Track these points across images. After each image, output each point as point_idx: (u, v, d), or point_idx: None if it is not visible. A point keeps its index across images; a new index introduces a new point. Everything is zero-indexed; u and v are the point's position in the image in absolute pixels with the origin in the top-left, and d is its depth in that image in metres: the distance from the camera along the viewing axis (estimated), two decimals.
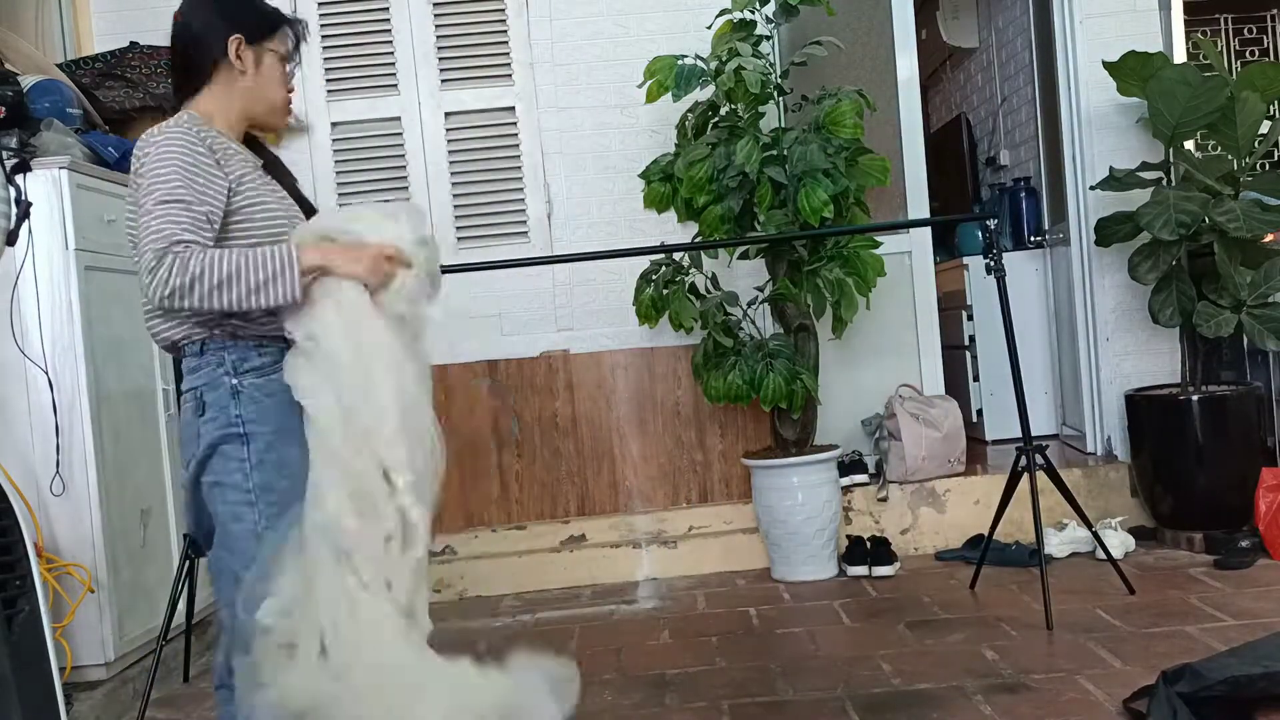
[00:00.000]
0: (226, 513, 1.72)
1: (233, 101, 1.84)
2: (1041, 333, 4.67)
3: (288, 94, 1.91)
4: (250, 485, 1.70)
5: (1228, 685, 2.05)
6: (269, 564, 1.63)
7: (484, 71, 4.04)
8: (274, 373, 1.75)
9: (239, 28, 1.82)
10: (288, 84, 1.91)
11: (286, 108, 1.92)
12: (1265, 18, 5.65)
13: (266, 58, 1.86)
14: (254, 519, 1.69)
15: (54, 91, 3.13)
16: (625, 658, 2.99)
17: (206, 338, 1.74)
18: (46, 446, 2.76)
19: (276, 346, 1.77)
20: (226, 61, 1.82)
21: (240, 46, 1.82)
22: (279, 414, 1.73)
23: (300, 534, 1.63)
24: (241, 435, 1.71)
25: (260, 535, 1.69)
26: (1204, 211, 3.42)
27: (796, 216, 3.48)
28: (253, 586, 1.64)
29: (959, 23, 5.70)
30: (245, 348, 1.75)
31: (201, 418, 1.73)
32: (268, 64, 1.86)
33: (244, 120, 1.88)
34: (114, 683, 2.82)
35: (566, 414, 4.02)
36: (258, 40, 1.84)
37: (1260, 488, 3.47)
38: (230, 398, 1.73)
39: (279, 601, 1.60)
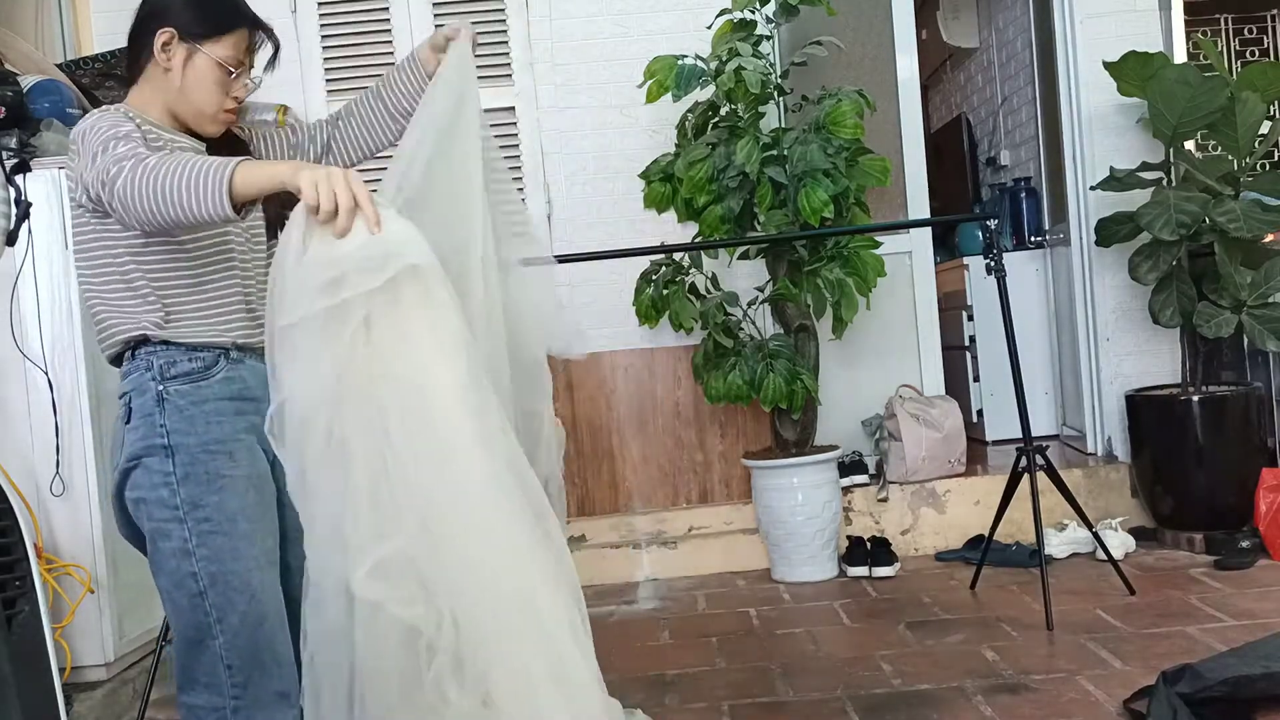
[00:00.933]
0: (153, 529, 1.61)
1: (158, 97, 1.69)
2: (1042, 333, 4.67)
3: (224, 104, 1.70)
4: (177, 501, 1.59)
5: (1228, 685, 2.05)
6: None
7: (484, 71, 4.03)
8: (204, 379, 1.64)
9: (174, 20, 1.66)
10: (228, 92, 1.70)
11: (216, 117, 1.71)
12: (1265, 18, 5.65)
13: (199, 59, 1.67)
14: (183, 535, 1.59)
15: (54, 91, 3.12)
16: (625, 658, 2.99)
17: (139, 344, 1.64)
18: (46, 446, 2.76)
19: (212, 352, 1.66)
20: (154, 55, 1.67)
21: (170, 40, 1.65)
22: (207, 422, 1.62)
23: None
24: (166, 446, 1.59)
25: (192, 553, 1.58)
26: (1204, 211, 3.42)
27: (796, 216, 3.48)
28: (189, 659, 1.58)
29: (959, 23, 5.70)
30: (176, 351, 1.63)
31: (127, 425, 1.63)
32: (200, 66, 1.67)
33: (172, 119, 1.71)
34: (114, 683, 2.81)
35: (566, 414, 4.01)
36: (194, 38, 1.66)
37: (1260, 488, 3.47)
38: (155, 405, 1.61)
39: None
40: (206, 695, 1.62)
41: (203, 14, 1.67)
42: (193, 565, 1.60)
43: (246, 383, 1.69)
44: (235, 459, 1.63)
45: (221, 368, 1.67)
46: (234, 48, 1.69)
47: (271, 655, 1.63)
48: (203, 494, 1.60)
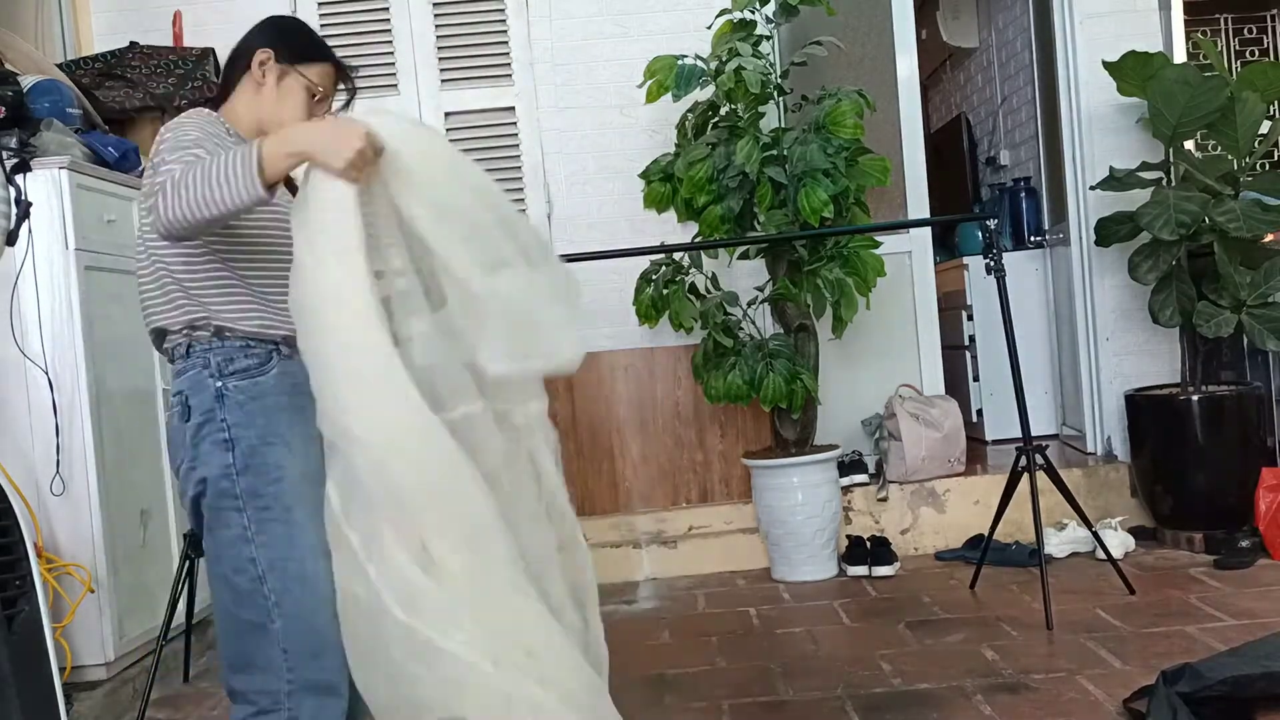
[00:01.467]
0: (213, 519, 1.69)
1: (250, 110, 1.84)
2: (1041, 333, 4.67)
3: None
4: (237, 491, 1.66)
5: (1228, 685, 2.05)
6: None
7: (484, 71, 4.04)
8: (260, 374, 1.71)
9: (274, 43, 1.83)
10: (309, 113, 1.85)
11: None
12: (1265, 18, 5.66)
13: (291, 80, 1.83)
14: (243, 524, 1.66)
15: (54, 91, 3.13)
16: (625, 658, 2.98)
17: (193, 341, 1.71)
18: (46, 446, 2.76)
19: (265, 347, 1.73)
20: (250, 71, 1.83)
21: (267, 60, 1.82)
22: (266, 417, 1.69)
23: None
24: (227, 440, 1.67)
25: (251, 540, 1.66)
26: (1204, 211, 3.42)
27: (796, 216, 3.48)
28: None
29: (959, 23, 5.70)
30: (231, 349, 1.70)
31: (187, 422, 1.70)
32: (289, 86, 1.83)
33: (257, 133, 1.81)
34: (114, 683, 2.81)
35: (566, 414, 4.02)
36: (289, 61, 1.83)
37: (1260, 488, 3.47)
38: (215, 401, 1.69)
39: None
40: (262, 678, 1.68)
41: (303, 44, 1.87)
42: (252, 551, 1.66)
43: (298, 377, 1.71)
44: (292, 451, 1.70)
45: (275, 362, 1.73)
46: (321, 76, 1.86)
47: (323, 643, 1.68)
48: (262, 484, 1.67)
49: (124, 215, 3.12)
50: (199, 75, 3.67)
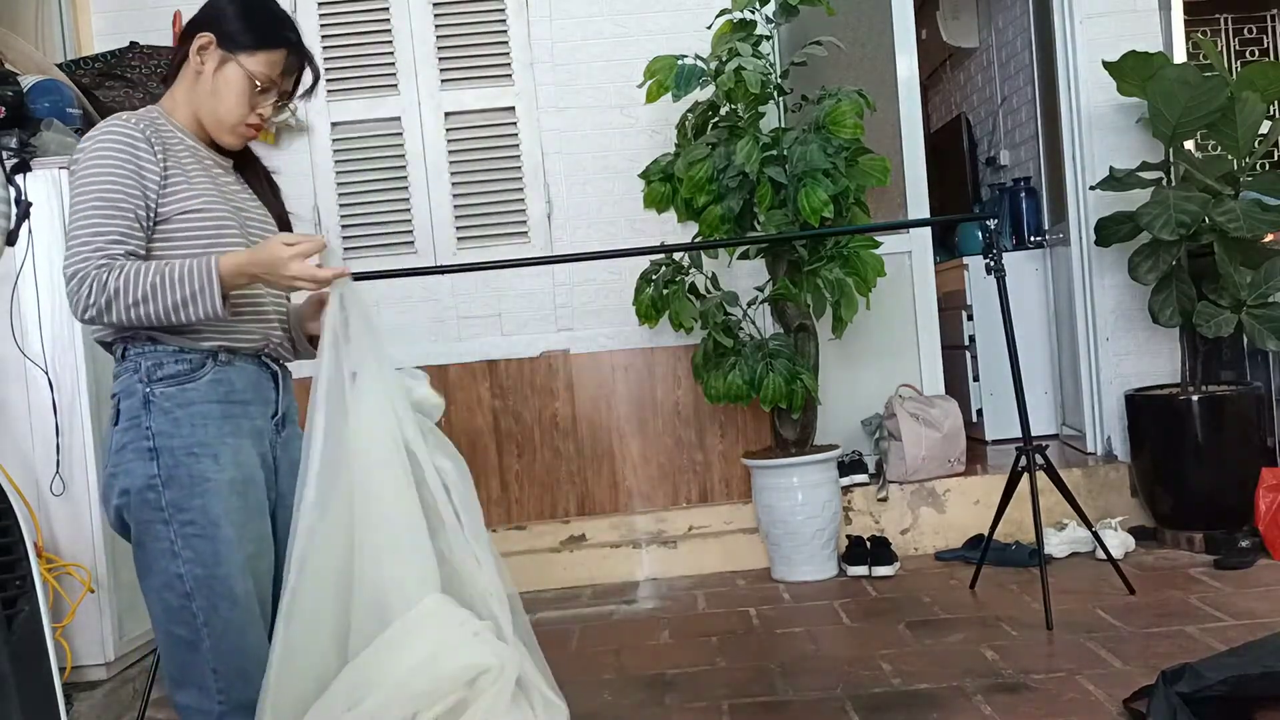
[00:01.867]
0: (140, 531, 1.62)
1: (188, 101, 1.74)
2: (1041, 333, 4.67)
3: (247, 118, 1.74)
4: (162, 503, 1.59)
5: (1228, 685, 2.05)
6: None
7: (484, 71, 4.04)
8: (189, 381, 1.63)
9: (216, 28, 1.71)
10: (252, 107, 1.73)
11: (236, 130, 1.74)
12: (1265, 18, 5.66)
13: (231, 69, 1.70)
14: (169, 537, 1.59)
15: (54, 91, 3.12)
16: (625, 658, 2.99)
17: (129, 341, 1.65)
18: (46, 446, 2.76)
19: (199, 353, 1.66)
20: (190, 57, 1.72)
21: (207, 46, 1.70)
22: (193, 425, 1.62)
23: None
24: (151, 449, 1.60)
25: (178, 554, 1.59)
26: (1204, 211, 3.42)
27: (796, 216, 3.48)
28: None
29: (959, 23, 5.70)
30: (162, 353, 1.64)
31: (115, 426, 1.63)
32: (230, 76, 1.71)
33: (197, 125, 1.75)
34: (114, 683, 2.82)
35: (566, 414, 4.02)
36: (230, 48, 1.70)
37: (1260, 488, 3.47)
38: (141, 407, 1.62)
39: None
40: (197, 696, 1.64)
41: (246, 26, 1.71)
42: (179, 567, 1.60)
43: (234, 385, 1.69)
44: (220, 462, 1.63)
45: (209, 370, 1.66)
46: (268, 65, 1.72)
47: (254, 662, 1.62)
48: (186, 497, 1.60)
49: None
50: None
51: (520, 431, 4.02)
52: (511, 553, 3.93)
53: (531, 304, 4.04)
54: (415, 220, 4.02)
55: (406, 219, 4.02)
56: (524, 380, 4.02)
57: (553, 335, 4.05)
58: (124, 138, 1.62)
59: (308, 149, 3.99)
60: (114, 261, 1.55)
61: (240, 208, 1.76)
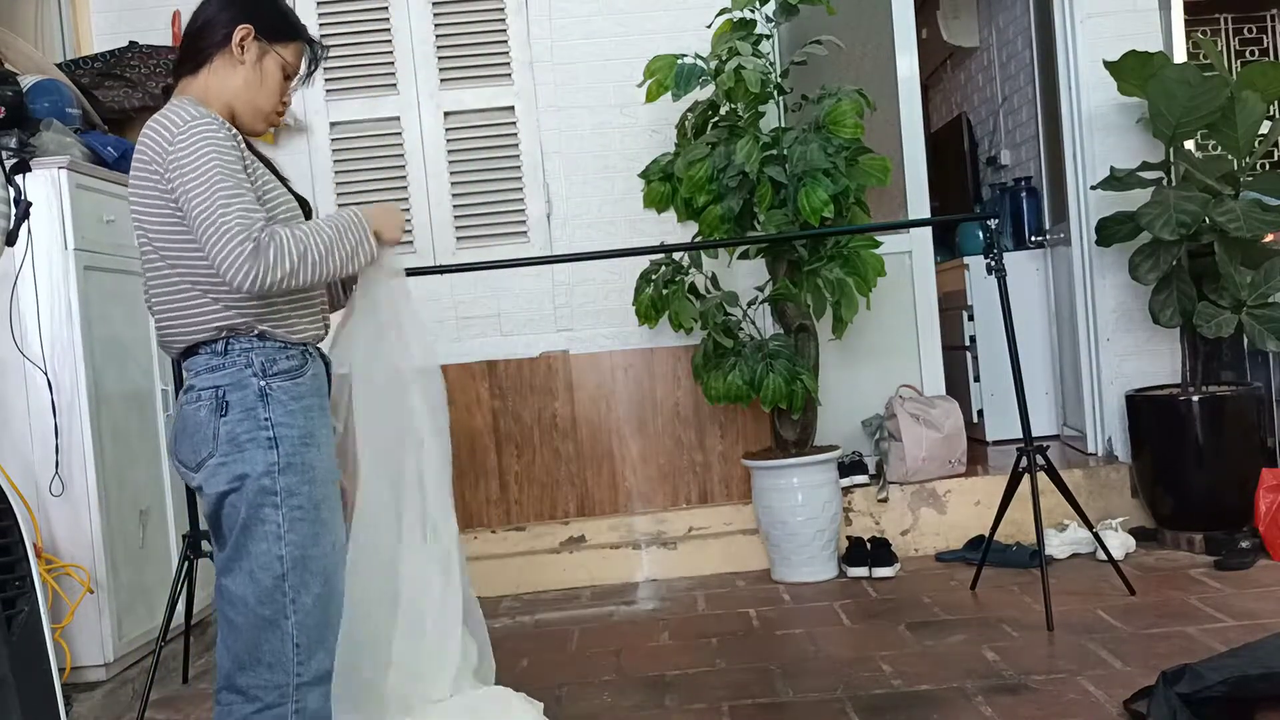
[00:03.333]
0: (249, 516, 1.70)
1: (224, 90, 1.79)
2: (1042, 333, 4.67)
3: (278, 106, 1.85)
4: (277, 488, 1.69)
5: (1228, 686, 2.04)
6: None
7: (483, 71, 4.04)
8: (299, 376, 1.76)
9: (254, 19, 1.78)
10: (281, 96, 1.85)
11: (269, 118, 1.85)
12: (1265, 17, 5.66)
13: (269, 60, 1.81)
14: (277, 521, 1.70)
15: (54, 91, 3.12)
16: (625, 659, 2.99)
17: (231, 337, 1.72)
18: (46, 446, 2.76)
19: (300, 349, 1.78)
20: (229, 47, 1.77)
21: (247, 36, 1.77)
22: (305, 418, 1.74)
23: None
24: (270, 439, 1.70)
25: (282, 537, 1.70)
26: (1204, 211, 3.42)
27: (796, 216, 3.48)
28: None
29: (959, 22, 5.69)
30: (273, 349, 1.74)
31: (224, 417, 1.70)
32: (268, 67, 1.81)
33: (228, 114, 1.80)
34: (113, 683, 2.81)
35: (566, 414, 4.02)
36: (269, 39, 1.80)
37: (1260, 488, 3.47)
38: (258, 400, 1.71)
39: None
40: (269, 674, 1.72)
41: (281, 20, 1.84)
42: (281, 549, 1.71)
43: (321, 378, 1.83)
44: (322, 450, 1.77)
45: (309, 365, 1.80)
46: (296, 55, 1.86)
47: (332, 635, 1.77)
48: (298, 483, 1.72)
49: (123, 215, 3.11)
50: None
51: (520, 432, 4.02)
52: (511, 554, 3.93)
53: (531, 304, 4.04)
54: (415, 220, 4.01)
55: (406, 219, 4.01)
56: (523, 381, 4.02)
57: (552, 335, 4.04)
58: (221, 133, 1.68)
59: (307, 149, 3.99)
60: (275, 229, 1.63)
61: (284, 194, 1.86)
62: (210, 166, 1.62)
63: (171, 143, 1.65)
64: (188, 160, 1.63)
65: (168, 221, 1.69)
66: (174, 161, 1.64)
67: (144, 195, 1.71)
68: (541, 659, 3.09)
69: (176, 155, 1.64)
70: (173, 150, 1.64)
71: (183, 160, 1.63)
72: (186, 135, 1.65)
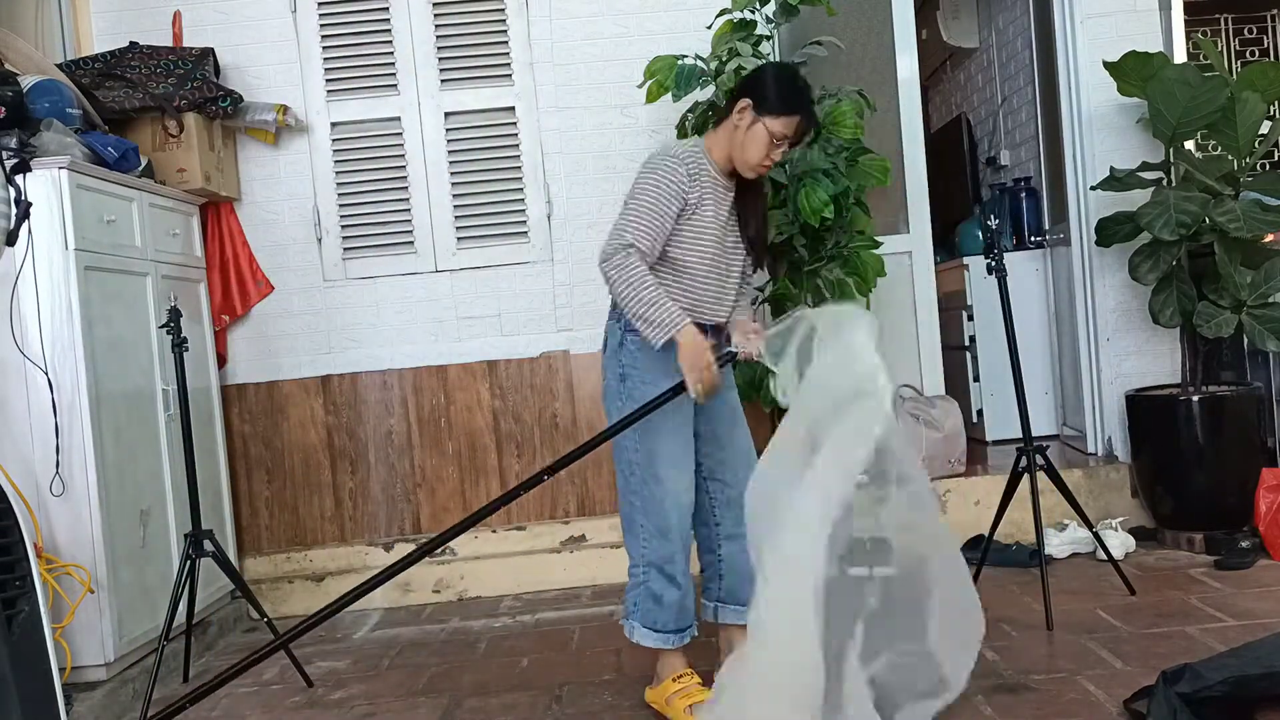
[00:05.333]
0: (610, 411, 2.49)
1: (724, 143, 2.42)
2: (1042, 333, 4.67)
3: (763, 160, 2.38)
4: (624, 407, 2.43)
5: (1228, 685, 2.05)
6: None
7: (484, 71, 4.04)
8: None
9: (754, 96, 2.36)
10: (768, 154, 2.38)
11: (757, 168, 2.41)
12: (1265, 18, 5.66)
13: (759, 127, 2.35)
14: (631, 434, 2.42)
15: (54, 91, 3.12)
16: (625, 658, 2.99)
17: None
18: (46, 446, 2.76)
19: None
20: (732, 114, 2.40)
21: (745, 109, 2.36)
22: (648, 362, 2.40)
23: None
24: (621, 374, 2.45)
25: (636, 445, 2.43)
26: (1204, 211, 3.42)
27: (796, 216, 3.48)
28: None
29: (959, 23, 5.70)
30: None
31: (605, 353, 2.52)
32: (756, 131, 2.36)
33: (728, 160, 2.43)
34: (114, 683, 2.82)
35: (566, 414, 4.02)
36: (761, 112, 2.34)
37: (1260, 488, 3.47)
38: (618, 345, 2.47)
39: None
40: (633, 542, 2.49)
41: (776, 99, 2.36)
42: (629, 453, 2.45)
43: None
44: (659, 388, 2.36)
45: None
46: (785, 127, 2.36)
47: (669, 529, 2.42)
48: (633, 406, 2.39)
49: (123, 215, 3.13)
50: (199, 75, 3.67)
51: (520, 432, 4.02)
52: (511, 553, 3.94)
53: (531, 304, 4.04)
54: (415, 220, 4.02)
55: (406, 219, 4.02)
56: (524, 381, 4.03)
57: (552, 336, 4.05)
58: (671, 172, 2.36)
59: (307, 149, 3.99)
60: (635, 252, 2.32)
61: (725, 223, 2.46)
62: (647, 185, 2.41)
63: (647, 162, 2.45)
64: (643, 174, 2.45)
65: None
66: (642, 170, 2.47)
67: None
68: (542, 659, 3.09)
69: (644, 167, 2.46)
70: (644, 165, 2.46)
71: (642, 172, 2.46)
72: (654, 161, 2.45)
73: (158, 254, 3.33)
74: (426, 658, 3.21)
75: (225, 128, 3.82)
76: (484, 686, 2.88)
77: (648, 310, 2.29)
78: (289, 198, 4.00)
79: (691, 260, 2.42)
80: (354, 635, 3.54)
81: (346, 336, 4.02)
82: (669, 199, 2.34)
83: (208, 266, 3.85)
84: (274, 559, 3.93)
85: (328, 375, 4.00)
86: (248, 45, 3.96)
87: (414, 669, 3.11)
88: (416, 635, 3.48)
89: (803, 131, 2.40)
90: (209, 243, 3.89)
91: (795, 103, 2.36)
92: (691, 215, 2.38)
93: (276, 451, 3.99)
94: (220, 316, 3.90)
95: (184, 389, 3.01)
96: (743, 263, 2.55)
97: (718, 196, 2.43)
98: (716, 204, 2.42)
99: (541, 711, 2.64)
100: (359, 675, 3.09)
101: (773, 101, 2.35)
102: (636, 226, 2.33)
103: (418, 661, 3.18)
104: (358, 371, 4.01)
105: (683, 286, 2.43)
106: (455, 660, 3.16)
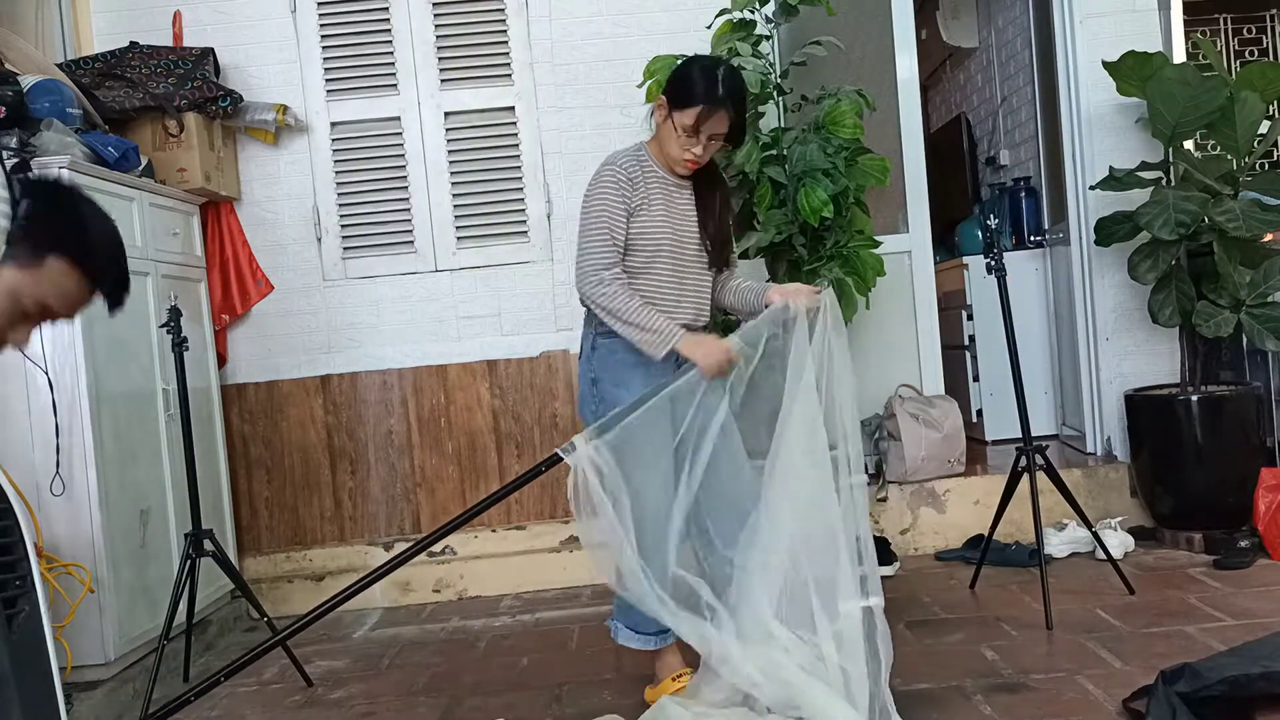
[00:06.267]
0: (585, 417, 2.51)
1: (657, 141, 2.47)
2: (1041, 333, 4.67)
3: (684, 156, 2.40)
4: (597, 411, 2.43)
5: (1227, 685, 2.05)
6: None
7: (484, 71, 4.04)
8: (614, 335, 2.40)
9: (666, 92, 2.41)
10: (684, 147, 2.38)
11: (681, 163, 2.43)
12: (1265, 18, 5.66)
13: (669, 122, 2.39)
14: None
15: (54, 91, 3.12)
16: (625, 658, 2.99)
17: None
18: (46, 446, 2.76)
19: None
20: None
21: (660, 105, 2.42)
22: (617, 368, 2.42)
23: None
24: (594, 379, 2.48)
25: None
26: (1203, 211, 3.43)
27: (796, 216, 3.48)
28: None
29: (959, 23, 5.70)
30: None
31: (580, 358, 2.55)
32: (668, 126, 2.40)
33: (664, 159, 2.46)
34: (114, 683, 2.82)
35: (566, 414, 4.02)
36: (671, 107, 2.38)
37: (1259, 488, 3.48)
38: (590, 349, 2.49)
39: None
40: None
41: (681, 92, 2.37)
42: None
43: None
44: (631, 392, 2.35)
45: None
46: (689, 118, 2.35)
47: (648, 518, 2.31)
48: (606, 411, 2.35)
49: (124, 215, 3.13)
50: (199, 75, 3.67)
51: (520, 431, 4.02)
52: (511, 553, 3.94)
53: (531, 304, 4.04)
54: (415, 220, 4.02)
55: (406, 219, 4.02)
56: (524, 380, 4.03)
57: (552, 335, 4.05)
58: (613, 180, 2.41)
59: (307, 149, 3.99)
60: (611, 274, 2.37)
61: (680, 222, 2.47)
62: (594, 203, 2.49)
63: (595, 176, 2.51)
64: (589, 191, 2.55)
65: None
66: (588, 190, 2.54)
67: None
68: (542, 658, 3.09)
69: (590, 184, 2.53)
70: (591, 183, 2.52)
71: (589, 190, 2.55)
72: (597, 174, 2.52)
73: (158, 253, 3.33)
74: (426, 657, 3.21)
75: (225, 127, 3.82)
76: (484, 686, 2.89)
77: (641, 335, 2.34)
78: (289, 197, 4.01)
79: (642, 261, 2.43)
80: (354, 635, 3.54)
81: (346, 336, 4.02)
82: (615, 208, 2.40)
83: (208, 266, 3.85)
84: (274, 559, 3.93)
85: (327, 375, 4.00)
86: (247, 45, 3.96)
87: (414, 668, 3.11)
88: (416, 635, 3.48)
89: (722, 124, 2.36)
90: (209, 242, 3.89)
91: (694, 94, 2.33)
92: (639, 215, 2.41)
93: (276, 451, 3.99)
94: (220, 316, 3.90)
95: (184, 389, 3.01)
96: (706, 263, 2.53)
97: (668, 195, 2.45)
98: (668, 203, 2.45)
99: (541, 711, 2.64)
100: (359, 675, 3.09)
101: (676, 94, 2.37)
102: (597, 250, 2.39)
103: (417, 661, 3.18)
104: (357, 371, 4.01)
105: (638, 286, 2.42)
106: (455, 660, 3.16)
